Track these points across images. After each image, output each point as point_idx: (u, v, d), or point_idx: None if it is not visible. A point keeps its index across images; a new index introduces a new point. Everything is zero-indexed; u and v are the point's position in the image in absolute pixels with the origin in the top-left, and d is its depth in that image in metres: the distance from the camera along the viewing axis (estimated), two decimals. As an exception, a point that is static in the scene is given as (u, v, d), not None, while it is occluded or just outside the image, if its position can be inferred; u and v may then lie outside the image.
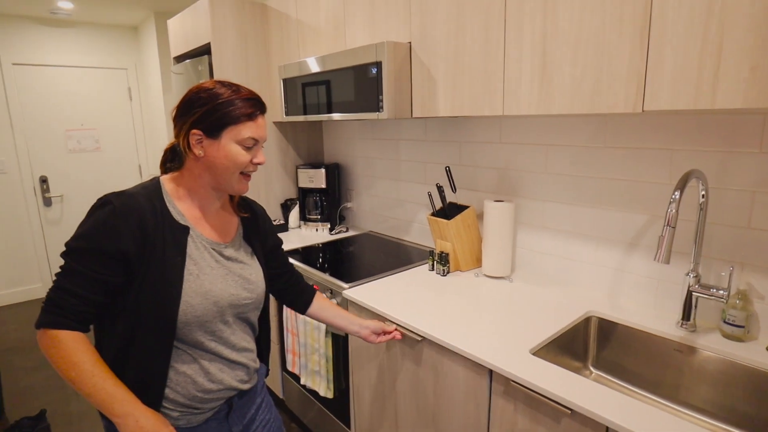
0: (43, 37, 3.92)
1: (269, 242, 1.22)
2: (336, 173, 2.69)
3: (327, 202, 2.66)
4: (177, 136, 0.99)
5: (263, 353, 1.20)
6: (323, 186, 2.63)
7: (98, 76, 4.21)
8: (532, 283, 1.74)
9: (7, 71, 3.81)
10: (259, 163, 1.03)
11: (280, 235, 2.05)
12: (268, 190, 2.70)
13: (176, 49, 2.84)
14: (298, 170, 2.68)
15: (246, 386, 1.09)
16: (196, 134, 0.96)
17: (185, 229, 0.97)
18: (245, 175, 1.02)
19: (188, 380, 0.97)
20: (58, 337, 0.86)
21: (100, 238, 0.88)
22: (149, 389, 0.93)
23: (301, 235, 2.62)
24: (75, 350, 0.86)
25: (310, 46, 2.21)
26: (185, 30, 2.66)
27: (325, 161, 2.92)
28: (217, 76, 2.40)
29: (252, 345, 1.12)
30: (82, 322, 0.90)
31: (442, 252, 1.88)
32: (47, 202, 4.08)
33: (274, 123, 2.66)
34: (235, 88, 0.98)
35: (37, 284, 4.13)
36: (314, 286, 1.37)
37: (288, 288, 1.30)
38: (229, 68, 2.43)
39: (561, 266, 1.75)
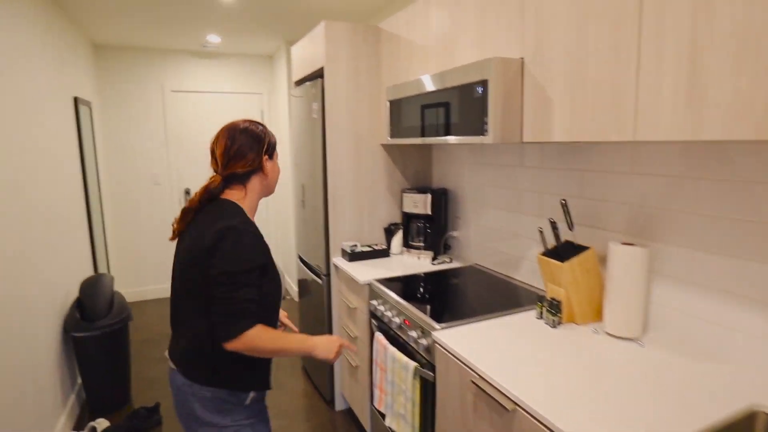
0: (194, 67, 4.46)
1: None
2: (443, 199, 2.53)
3: (431, 229, 2.51)
4: (252, 163, 1.31)
5: None
6: (428, 212, 2.49)
7: (237, 101, 4.65)
8: (671, 352, 1.38)
9: (167, 97, 4.39)
10: None
11: (381, 260, 2.41)
12: (372, 212, 2.64)
13: (297, 74, 2.96)
14: (404, 194, 2.57)
15: None
16: (266, 159, 1.34)
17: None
18: None
19: None
20: (259, 333, 1.18)
21: (258, 257, 1.21)
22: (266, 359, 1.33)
23: (402, 262, 2.50)
24: (270, 333, 1.21)
25: (417, 67, 2.11)
26: (305, 55, 2.76)
27: (432, 186, 2.78)
28: (328, 98, 2.42)
29: None
30: (258, 317, 1.20)
31: (554, 299, 1.60)
32: (189, 212, 4.58)
33: (382, 145, 2.60)
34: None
35: (176, 285, 4.64)
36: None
37: None
38: (340, 91, 2.44)
39: (713, 335, 1.36)
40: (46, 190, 2.58)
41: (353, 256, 2.49)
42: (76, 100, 3.22)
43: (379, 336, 1.97)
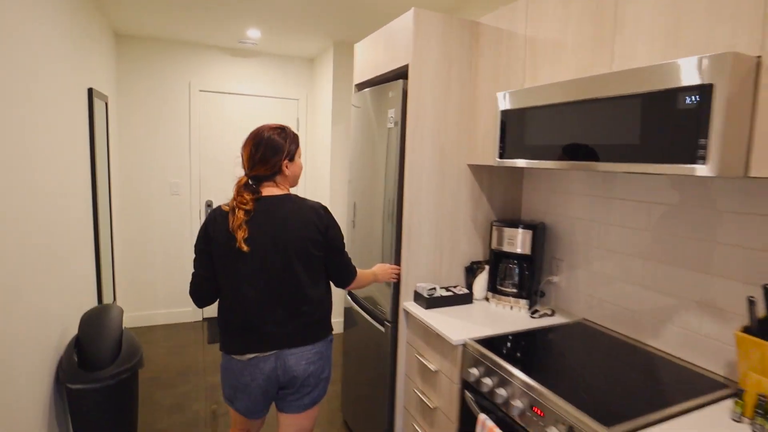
0: (227, 66, 4.01)
1: None
2: (542, 237, 2.04)
3: (529, 272, 2.02)
4: (273, 167, 1.54)
5: None
6: (527, 251, 2.00)
7: (272, 106, 4.20)
8: None
9: (194, 97, 3.94)
10: None
11: (463, 308, 2.05)
12: (453, 247, 2.15)
13: (361, 75, 2.50)
14: (494, 227, 2.09)
15: None
16: (286, 162, 1.57)
17: None
18: None
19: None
20: (358, 273, 1.77)
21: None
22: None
23: (489, 311, 2.00)
24: (358, 273, 1.77)
25: (545, 69, 1.64)
26: (376, 53, 2.31)
27: (521, 218, 2.29)
28: (411, 104, 1.95)
29: None
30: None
31: (765, 397, 1.10)
32: (209, 226, 4.09)
33: (470, 166, 2.12)
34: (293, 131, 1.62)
35: (188, 308, 4.12)
36: None
37: None
38: (426, 96, 1.98)
39: None
40: (47, 199, 2.10)
41: (431, 302, 2.00)
42: (90, 92, 2.75)
43: (487, 422, 1.46)
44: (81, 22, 2.61)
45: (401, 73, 2.12)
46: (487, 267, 2.16)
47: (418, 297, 2.05)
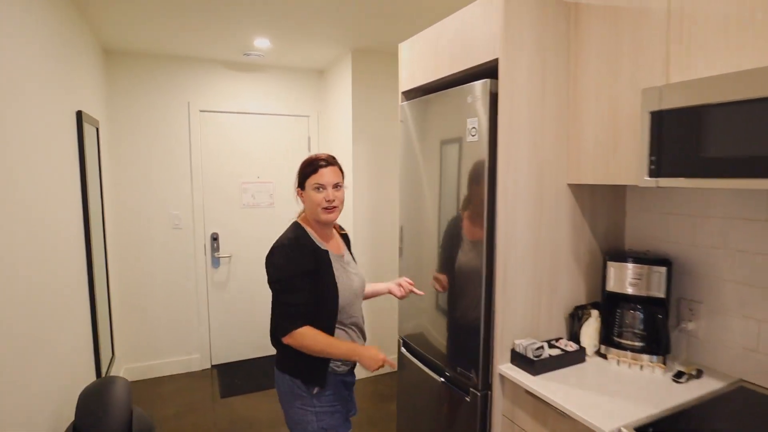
0: (230, 82, 3.55)
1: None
2: (668, 274, 1.60)
3: (662, 320, 1.56)
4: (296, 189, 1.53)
5: None
6: (660, 294, 1.55)
7: (280, 125, 3.73)
8: None
9: (194, 118, 3.45)
10: (330, 201, 1.44)
11: (577, 369, 1.61)
12: (552, 290, 1.69)
13: (412, 80, 2.06)
14: (610, 264, 1.64)
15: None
16: (298, 191, 1.52)
17: (325, 251, 1.48)
18: (324, 208, 1.45)
19: None
20: (305, 333, 1.39)
21: (298, 266, 1.40)
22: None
23: (614, 374, 1.54)
24: (316, 335, 1.40)
25: (707, 54, 1.21)
26: (435, 51, 1.87)
27: (626, 248, 1.85)
28: (504, 108, 1.51)
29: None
30: (309, 319, 1.41)
31: None
32: (215, 262, 3.58)
33: (570, 186, 1.68)
34: (318, 154, 1.50)
35: (196, 354, 3.58)
36: None
37: None
38: (521, 98, 1.54)
39: None
40: (31, 249, 1.60)
41: (540, 366, 1.53)
42: (79, 116, 2.26)
43: None
44: (65, 37, 2.12)
45: (478, 73, 1.68)
46: (595, 313, 1.71)
47: (519, 358, 1.58)
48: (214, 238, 3.56)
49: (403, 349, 2.17)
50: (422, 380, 2.00)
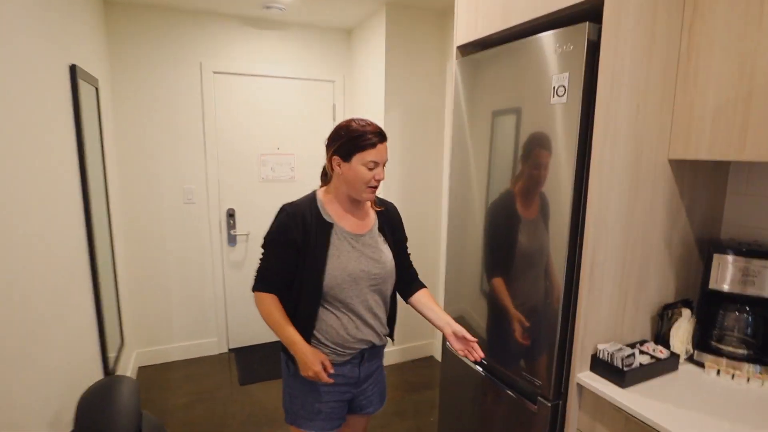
0: (248, 41, 3.22)
1: (396, 235, 1.49)
2: (787, 267, 1.32)
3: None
4: (327, 159, 1.35)
5: (390, 324, 1.49)
6: (779, 295, 1.29)
7: (302, 90, 3.42)
8: None
9: (207, 81, 3.15)
10: (379, 180, 1.30)
11: (670, 379, 1.34)
12: (639, 286, 1.43)
13: (473, 29, 1.73)
14: (717, 258, 1.36)
15: (378, 341, 1.43)
16: (336, 159, 1.31)
17: (330, 225, 1.34)
18: (371, 187, 1.31)
19: (332, 330, 1.34)
20: (263, 298, 1.34)
21: (280, 233, 1.32)
22: (304, 330, 1.33)
23: (708, 384, 1.29)
24: (271, 306, 1.33)
25: None
26: (504, -2, 1.55)
27: (721, 237, 1.57)
28: (606, 63, 1.21)
29: (383, 314, 1.43)
30: (278, 288, 1.34)
31: None
32: (232, 240, 3.34)
33: (671, 163, 1.39)
34: (365, 123, 1.29)
35: (213, 338, 3.38)
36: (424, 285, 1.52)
37: (402, 277, 1.49)
38: (626, 52, 1.24)
39: None
40: (17, 228, 1.35)
41: (630, 376, 1.28)
42: (73, 71, 1.96)
43: None
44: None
45: (560, 20, 1.38)
46: (687, 313, 1.45)
47: (602, 366, 1.33)
48: (231, 215, 3.32)
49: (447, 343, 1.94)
50: (471, 380, 1.77)
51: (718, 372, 1.36)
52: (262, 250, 1.36)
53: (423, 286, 1.53)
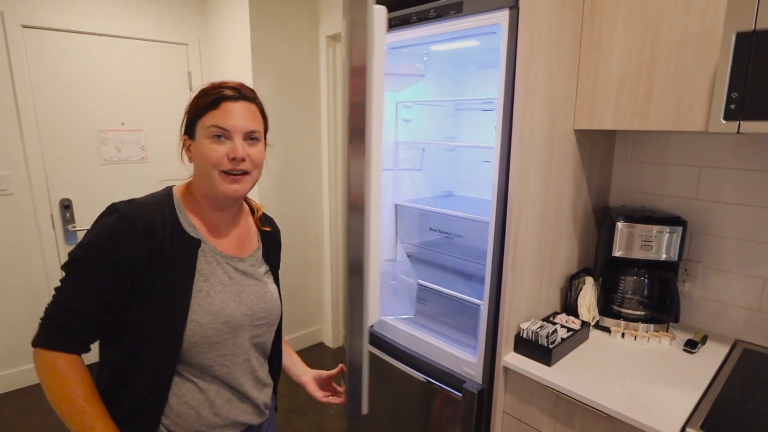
0: (73, -13, 2.56)
1: (277, 267, 1.05)
2: (683, 234, 1.42)
3: (674, 286, 1.39)
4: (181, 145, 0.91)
5: (273, 380, 1.04)
6: (672, 257, 1.37)
7: (149, 53, 2.85)
8: None
9: (14, 37, 2.43)
10: (234, 158, 0.83)
11: (585, 349, 1.33)
12: (553, 257, 1.42)
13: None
14: (620, 225, 1.40)
15: (257, 420, 0.96)
16: (186, 141, 0.88)
17: (196, 242, 0.86)
18: (227, 174, 0.84)
19: (191, 412, 0.85)
20: (54, 361, 0.77)
21: (105, 248, 0.78)
22: (145, 419, 0.82)
23: (618, 348, 1.35)
24: (69, 379, 0.76)
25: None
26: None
27: (610, 204, 1.65)
28: (524, 34, 1.12)
29: (269, 379, 1.01)
30: (83, 342, 0.79)
31: None
32: (71, 236, 2.70)
33: (577, 132, 1.39)
34: (216, 82, 0.87)
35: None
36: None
37: None
38: (542, 20, 1.16)
39: None
40: None
41: (556, 354, 1.26)
42: None
43: None
44: None
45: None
46: (590, 281, 1.50)
47: (526, 345, 1.30)
48: (66, 206, 2.67)
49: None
50: (393, 375, 1.65)
51: (623, 335, 1.42)
52: (62, 274, 0.81)
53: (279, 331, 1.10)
